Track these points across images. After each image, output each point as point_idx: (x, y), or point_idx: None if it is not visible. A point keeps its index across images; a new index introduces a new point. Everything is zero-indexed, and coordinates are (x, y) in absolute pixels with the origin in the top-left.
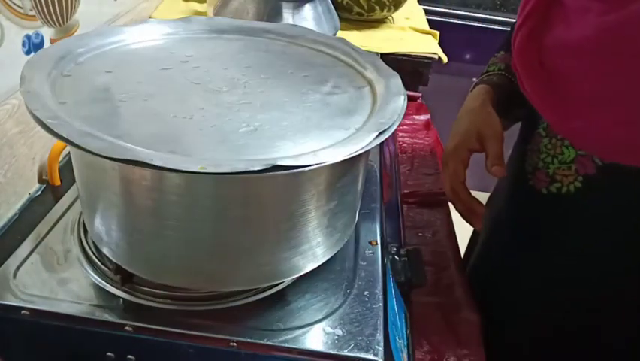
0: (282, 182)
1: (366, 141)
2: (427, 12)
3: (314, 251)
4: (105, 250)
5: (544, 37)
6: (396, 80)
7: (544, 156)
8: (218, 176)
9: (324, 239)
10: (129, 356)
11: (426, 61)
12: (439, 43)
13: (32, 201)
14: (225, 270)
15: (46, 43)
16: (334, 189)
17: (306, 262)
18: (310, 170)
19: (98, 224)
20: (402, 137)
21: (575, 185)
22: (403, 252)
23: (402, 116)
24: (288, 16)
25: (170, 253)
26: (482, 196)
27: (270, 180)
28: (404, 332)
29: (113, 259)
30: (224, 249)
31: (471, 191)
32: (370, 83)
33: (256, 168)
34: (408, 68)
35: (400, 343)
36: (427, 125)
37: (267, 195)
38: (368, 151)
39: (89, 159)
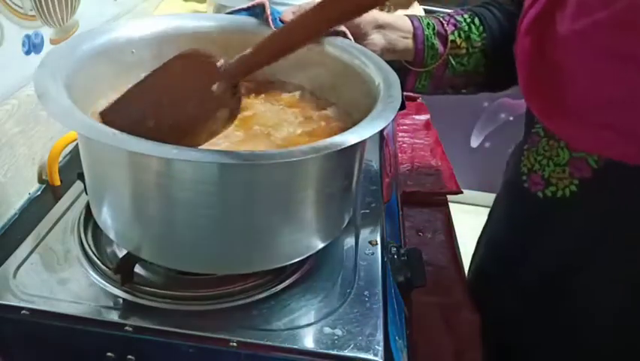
0: (280, 166)
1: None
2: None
3: (314, 235)
4: (112, 235)
5: (549, 25)
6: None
7: (541, 158)
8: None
9: (325, 223)
10: (129, 356)
11: None
12: None
13: (32, 201)
14: (234, 253)
15: (46, 44)
16: (333, 174)
17: (305, 246)
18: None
19: (106, 209)
20: (402, 137)
21: (571, 188)
22: (403, 252)
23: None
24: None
25: (177, 237)
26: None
27: (270, 166)
28: (404, 332)
29: (121, 245)
30: (227, 233)
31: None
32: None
33: None
34: None
35: (399, 343)
36: (427, 125)
37: (267, 180)
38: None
39: (98, 143)
